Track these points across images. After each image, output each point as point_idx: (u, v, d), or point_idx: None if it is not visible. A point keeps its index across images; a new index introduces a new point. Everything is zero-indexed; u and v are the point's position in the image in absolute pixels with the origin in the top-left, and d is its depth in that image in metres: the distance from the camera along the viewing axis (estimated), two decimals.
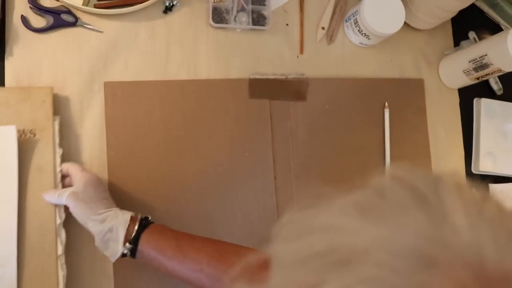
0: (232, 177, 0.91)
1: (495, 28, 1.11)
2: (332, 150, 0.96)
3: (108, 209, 0.73)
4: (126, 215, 0.73)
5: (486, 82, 1.08)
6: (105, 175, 0.85)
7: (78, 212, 0.72)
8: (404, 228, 0.31)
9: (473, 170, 1.06)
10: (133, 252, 0.71)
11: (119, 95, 0.88)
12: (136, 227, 0.72)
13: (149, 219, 0.75)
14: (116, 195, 0.84)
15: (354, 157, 0.97)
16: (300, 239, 0.34)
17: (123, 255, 0.71)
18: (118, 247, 0.71)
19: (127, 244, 0.71)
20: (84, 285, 0.82)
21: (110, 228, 0.71)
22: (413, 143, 1.02)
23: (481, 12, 1.12)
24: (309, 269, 0.32)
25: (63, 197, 0.73)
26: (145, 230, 0.72)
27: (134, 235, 0.71)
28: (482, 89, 1.09)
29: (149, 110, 0.88)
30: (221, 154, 0.91)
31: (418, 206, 0.32)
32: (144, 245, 0.71)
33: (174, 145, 0.89)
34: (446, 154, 1.04)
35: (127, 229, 0.71)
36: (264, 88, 0.94)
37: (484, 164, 1.04)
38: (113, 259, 0.71)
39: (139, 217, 0.74)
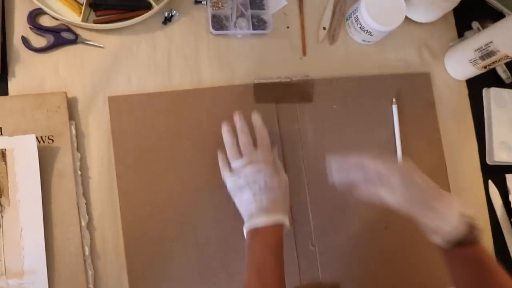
0: None
1: (498, 17, 1.09)
2: (342, 150, 0.94)
3: None
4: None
5: (494, 72, 1.07)
6: (114, 189, 0.85)
7: None
8: None
9: (488, 162, 1.04)
10: None
11: (124, 109, 0.87)
12: None
13: None
14: (127, 208, 0.84)
15: None
16: None
17: None
18: None
19: None
20: (111, 282, 0.84)
21: None
22: (424, 138, 1.00)
23: (483, 1, 1.10)
24: None
25: None
26: None
27: None
28: (490, 79, 1.07)
29: (155, 121, 0.88)
30: None
31: None
32: None
33: (182, 155, 0.88)
34: (459, 147, 1.02)
35: None
36: (270, 92, 0.93)
37: (499, 155, 1.02)
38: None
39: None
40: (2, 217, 0.76)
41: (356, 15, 0.95)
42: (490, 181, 1.03)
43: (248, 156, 0.82)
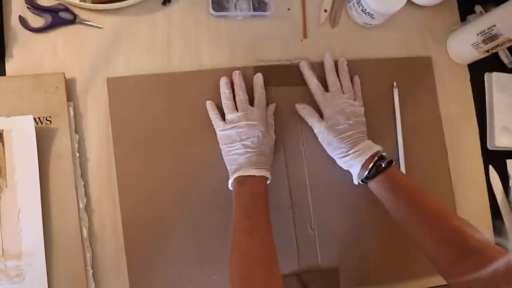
0: None
1: (501, 1, 1.07)
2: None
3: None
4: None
5: (497, 56, 1.06)
6: (113, 171, 0.85)
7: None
8: None
9: (489, 146, 1.03)
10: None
11: (122, 91, 0.87)
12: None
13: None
14: (126, 190, 0.84)
15: None
16: None
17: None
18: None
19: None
20: (110, 264, 0.84)
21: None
22: (425, 123, 0.99)
23: None
24: None
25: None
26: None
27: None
28: (492, 64, 1.06)
29: (154, 103, 0.87)
30: None
31: None
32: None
33: (181, 137, 0.87)
34: (460, 132, 1.02)
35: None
36: (270, 75, 0.92)
37: (500, 140, 1.02)
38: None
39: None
40: None
41: None
42: (490, 166, 1.02)
43: (244, 112, 0.85)
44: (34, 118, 0.79)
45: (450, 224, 0.74)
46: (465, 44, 0.99)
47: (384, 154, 0.85)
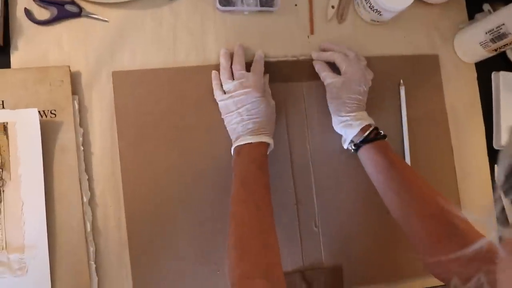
0: None
1: (510, 0, 1.07)
2: None
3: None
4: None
5: (504, 56, 1.05)
6: (117, 165, 0.84)
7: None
8: None
9: (495, 146, 1.02)
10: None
11: (128, 85, 0.86)
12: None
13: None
14: (130, 184, 0.84)
15: None
16: None
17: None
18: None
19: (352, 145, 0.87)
20: (113, 259, 0.83)
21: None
22: (431, 121, 0.99)
23: None
24: None
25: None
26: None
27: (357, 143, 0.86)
28: (500, 63, 1.05)
29: (159, 98, 0.87)
30: None
31: None
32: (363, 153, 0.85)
33: (186, 132, 0.87)
34: (466, 131, 1.01)
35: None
36: (276, 71, 0.91)
37: (506, 139, 1.01)
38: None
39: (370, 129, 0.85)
40: (3, 191, 0.76)
41: None
42: (496, 166, 1.02)
43: (239, 80, 0.85)
44: (39, 111, 0.79)
45: (438, 201, 0.75)
46: (473, 42, 0.99)
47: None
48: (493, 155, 1.02)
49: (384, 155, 0.82)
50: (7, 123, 0.77)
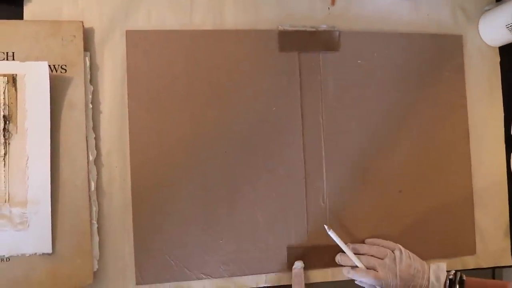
0: (258, 133, 0.87)
1: None
2: (364, 107, 0.91)
3: None
4: None
5: None
6: (125, 126, 0.83)
7: None
8: None
9: None
10: None
11: (141, 45, 0.84)
12: None
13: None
14: (137, 147, 0.83)
15: (387, 116, 0.92)
16: None
17: None
18: None
19: None
20: (115, 220, 0.83)
21: None
22: (450, 103, 0.96)
23: None
24: None
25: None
26: None
27: None
28: None
29: (172, 60, 0.85)
30: (246, 108, 0.87)
31: None
32: None
33: (198, 98, 0.85)
34: (485, 116, 0.98)
35: None
36: (294, 40, 0.89)
37: None
38: None
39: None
40: (9, 144, 0.74)
41: None
42: None
43: None
44: (49, 65, 0.77)
45: None
46: (499, 25, 0.95)
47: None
48: (510, 143, 0.99)
49: None
50: (16, 75, 0.75)
